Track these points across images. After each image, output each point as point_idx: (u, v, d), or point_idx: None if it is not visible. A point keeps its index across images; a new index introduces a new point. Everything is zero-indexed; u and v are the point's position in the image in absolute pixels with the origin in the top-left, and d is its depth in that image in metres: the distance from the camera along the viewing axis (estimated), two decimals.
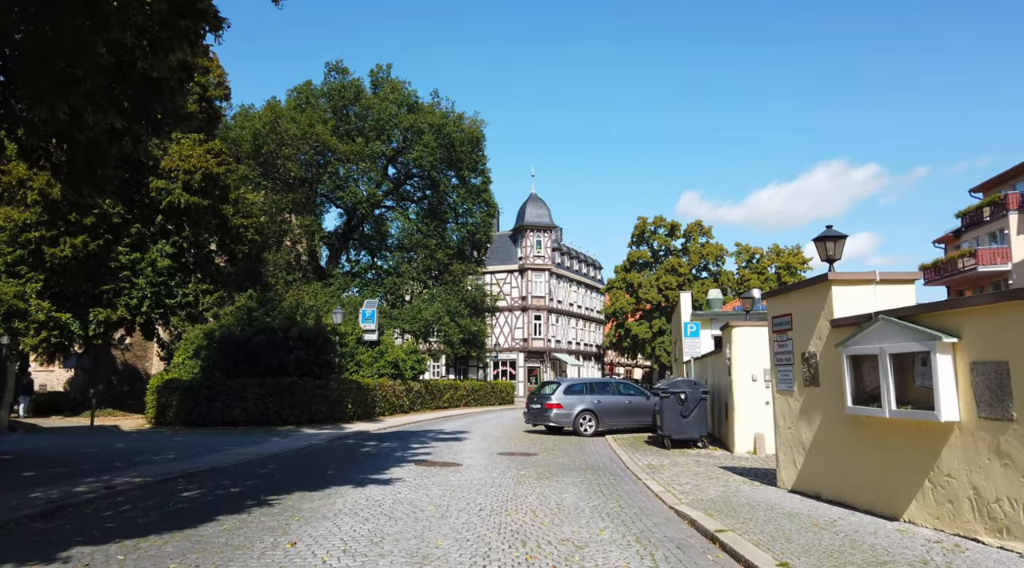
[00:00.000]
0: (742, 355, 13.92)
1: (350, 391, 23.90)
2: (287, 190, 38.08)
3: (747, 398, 13.87)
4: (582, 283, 65.84)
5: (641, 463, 12.51)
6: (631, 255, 62.90)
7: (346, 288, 39.98)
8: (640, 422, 19.49)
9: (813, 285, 8.16)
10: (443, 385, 35.13)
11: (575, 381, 20.04)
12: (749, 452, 13.79)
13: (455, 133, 38.93)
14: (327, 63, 41.05)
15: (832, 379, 7.79)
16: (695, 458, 13.24)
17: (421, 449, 15.15)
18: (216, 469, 11.81)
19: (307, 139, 36.62)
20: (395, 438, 18.33)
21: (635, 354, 64.15)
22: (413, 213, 42.69)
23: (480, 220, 41.55)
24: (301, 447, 15.86)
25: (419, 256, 41.16)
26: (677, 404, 14.86)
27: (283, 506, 8.24)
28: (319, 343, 23.08)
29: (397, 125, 39.28)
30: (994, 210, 40.13)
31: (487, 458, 13.32)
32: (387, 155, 40.53)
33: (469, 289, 41.50)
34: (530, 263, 56.50)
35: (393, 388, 28.13)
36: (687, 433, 14.91)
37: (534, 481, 10.23)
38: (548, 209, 58.43)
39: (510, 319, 56.19)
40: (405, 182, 43.38)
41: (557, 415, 18.84)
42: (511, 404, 42.50)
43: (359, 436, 19.06)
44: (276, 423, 21.24)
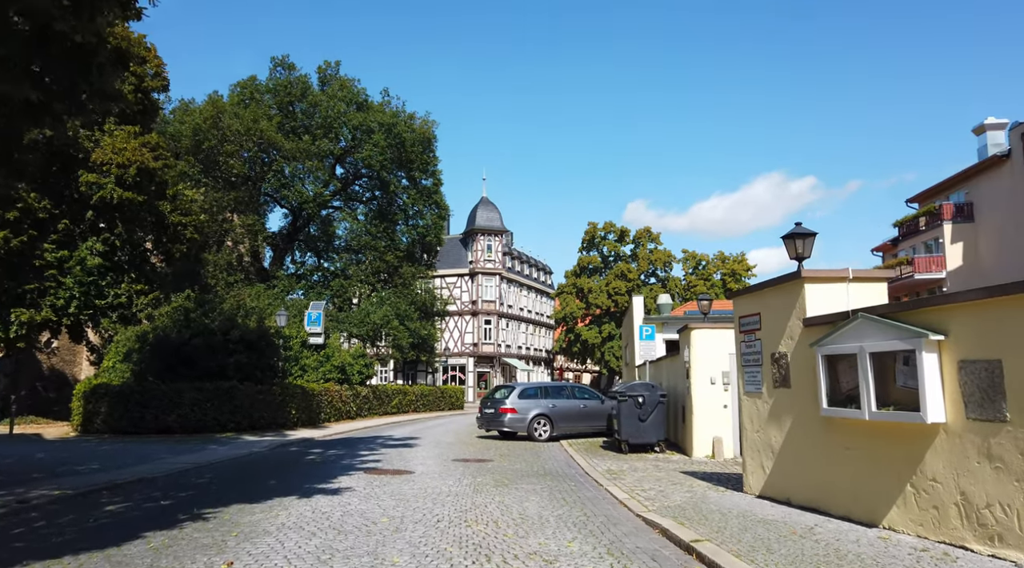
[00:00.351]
0: (701, 358, 13.70)
1: (294, 396, 22.94)
2: (229, 188, 36.64)
3: (705, 401, 13.65)
4: (532, 288, 65.65)
5: (600, 468, 12.13)
6: (581, 260, 63.05)
7: (291, 290, 38.70)
8: (595, 427, 19.17)
9: (784, 283, 7.90)
10: (392, 390, 34.28)
11: (530, 385, 19.61)
12: (707, 456, 13.56)
13: (406, 133, 38.15)
14: (273, 58, 39.73)
15: (805, 380, 7.52)
16: (654, 463, 12.93)
17: (370, 456, 14.45)
18: (146, 480, 10.92)
19: (251, 135, 35.30)
20: (342, 445, 17.55)
21: (585, 359, 64.28)
22: (362, 214, 41.65)
23: (431, 222, 40.82)
24: (241, 455, 14.97)
25: (368, 258, 40.17)
26: (635, 408, 14.55)
27: (219, 520, 7.52)
28: (261, 346, 22.07)
29: (346, 123, 38.29)
30: (929, 220, 41.48)
31: (441, 465, 12.73)
32: (335, 154, 39.45)
33: (419, 292, 40.71)
34: (481, 267, 55.98)
35: (340, 393, 27.21)
36: (645, 437, 14.62)
37: (493, 489, 9.70)
38: (499, 213, 58.05)
39: (460, 323, 55.52)
40: (354, 182, 42.35)
41: (511, 420, 18.36)
42: (461, 409, 41.85)
43: (304, 443, 18.20)
44: (214, 430, 20.16)
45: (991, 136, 39.19)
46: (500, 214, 58.00)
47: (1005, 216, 35.81)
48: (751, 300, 8.76)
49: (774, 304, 8.15)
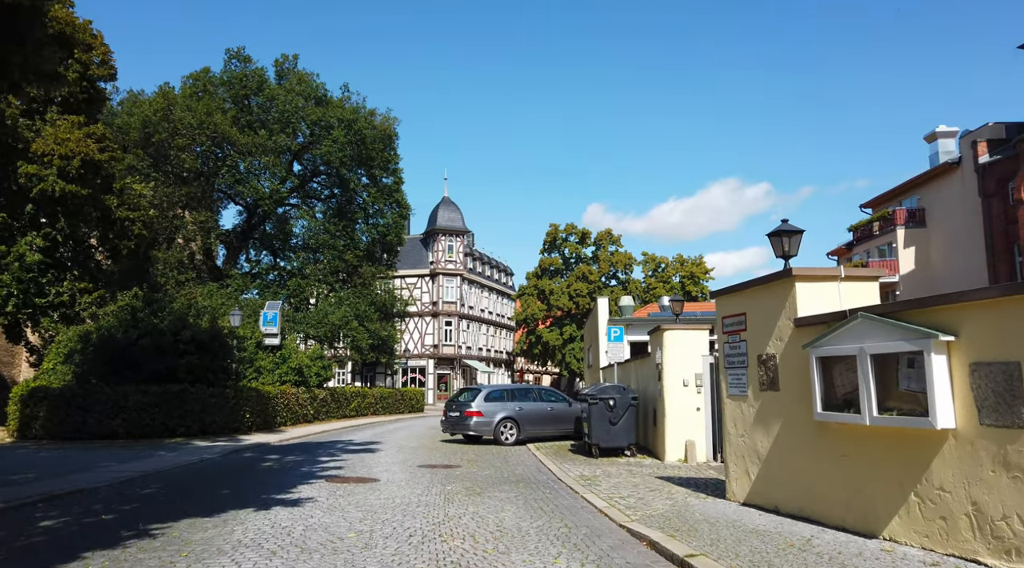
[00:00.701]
0: (673, 359, 13.41)
1: (249, 399, 22.01)
2: (180, 183, 35.27)
3: (678, 404, 13.36)
4: (493, 289, 65.19)
5: (573, 474, 11.72)
6: (543, 262, 62.84)
7: (245, 290, 37.44)
8: (562, 430, 18.78)
9: (773, 282, 7.58)
10: (350, 393, 33.38)
11: (496, 388, 19.13)
12: (680, 460, 13.27)
13: (366, 129, 37.27)
14: (227, 50, 38.24)
15: (795, 383, 7.21)
16: (627, 467, 12.58)
17: (331, 463, 13.78)
18: (87, 491, 10.10)
19: (204, 129, 34.01)
20: (300, 450, 16.79)
21: (546, 361, 64.06)
22: (320, 212, 40.58)
23: (392, 221, 39.99)
24: (191, 462, 14.14)
25: (326, 257, 39.15)
26: (606, 411, 14.19)
27: (168, 537, 6.85)
28: (214, 347, 21.10)
29: (304, 118, 37.20)
30: (883, 225, 42.30)
31: (407, 472, 12.15)
32: (292, 150, 38.33)
33: (379, 293, 39.84)
34: (442, 268, 55.29)
35: (297, 396, 26.29)
36: (615, 441, 14.27)
37: (465, 498, 9.19)
38: (461, 213, 57.45)
39: (420, 325, 54.72)
40: (312, 179, 41.25)
41: (477, 423, 17.84)
42: (421, 412, 41.11)
43: (259, 449, 17.37)
44: (163, 435, 19.16)
45: (942, 144, 40.15)
46: (462, 214, 57.43)
47: (955, 222, 36.70)
48: (736, 299, 8.44)
49: (761, 303, 7.84)
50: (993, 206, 33.87)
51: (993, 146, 34.48)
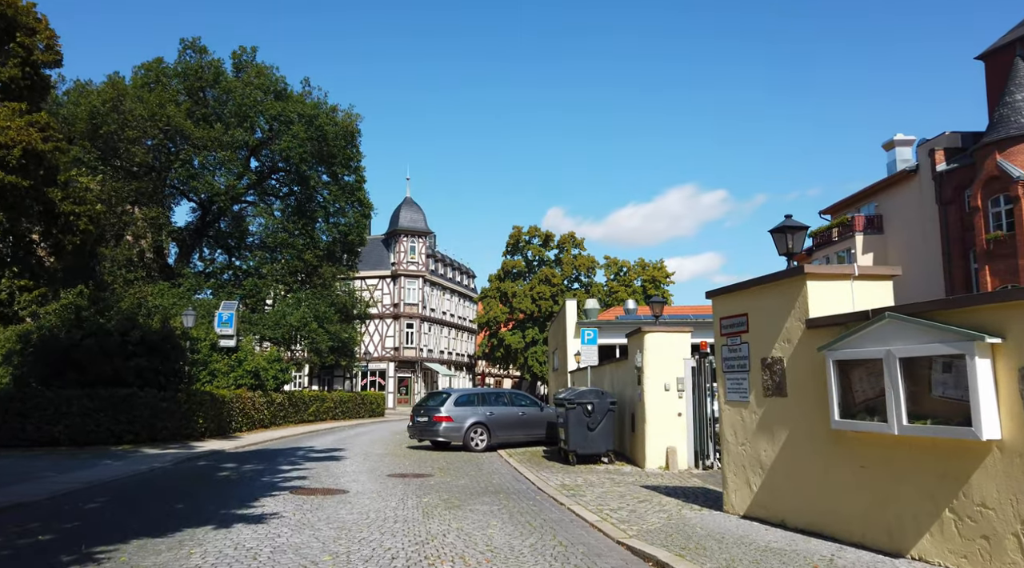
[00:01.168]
0: (654, 363, 12.97)
1: (202, 404, 20.90)
2: (130, 178, 33.64)
3: (659, 409, 12.91)
4: (456, 291, 64.37)
5: (553, 483, 11.15)
6: (505, 264, 62.29)
7: (198, 290, 35.96)
8: (533, 435, 18.23)
9: (780, 280, 7.14)
10: (308, 397, 32.30)
11: (465, 392, 18.46)
12: (661, 467, 12.82)
13: (328, 126, 36.16)
14: (182, 40, 36.73)
15: (806, 388, 6.77)
16: (608, 476, 12.06)
17: (294, 472, 12.94)
18: (23, 505, 9.14)
19: (155, 121, 32.49)
20: (259, 458, 15.86)
21: (508, 364, 63.49)
22: (278, 210, 39.22)
23: (353, 221, 38.90)
24: (141, 472, 13.15)
25: (284, 257, 37.90)
26: (583, 416, 13.67)
27: (115, 564, 6.05)
28: (165, 349, 19.95)
29: (262, 112, 35.89)
30: (842, 231, 42.91)
31: (377, 482, 11.42)
32: (250, 145, 36.96)
33: (339, 293, 38.72)
34: (403, 269, 54.27)
35: (253, 400, 25.19)
36: (593, 447, 13.76)
37: (445, 512, 8.52)
38: (423, 214, 56.51)
39: (381, 327, 53.59)
40: (270, 176, 39.89)
41: (447, 429, 17.15)
42: (382, 417, 40.13)
43: (214, 456, 16.38)
44: (109, 442, 17.98)
45: (900, 152, 40.91)
46: (424, 215, 56.51)
47: (913, 228, 37.37)
48: (736, 299, 7.98)
49: (766, 304, 7.39)
50: (950, 213, 34.55)
51: (950, 155, 35.18)
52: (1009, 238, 29.65)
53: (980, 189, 31.11)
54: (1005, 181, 29.82)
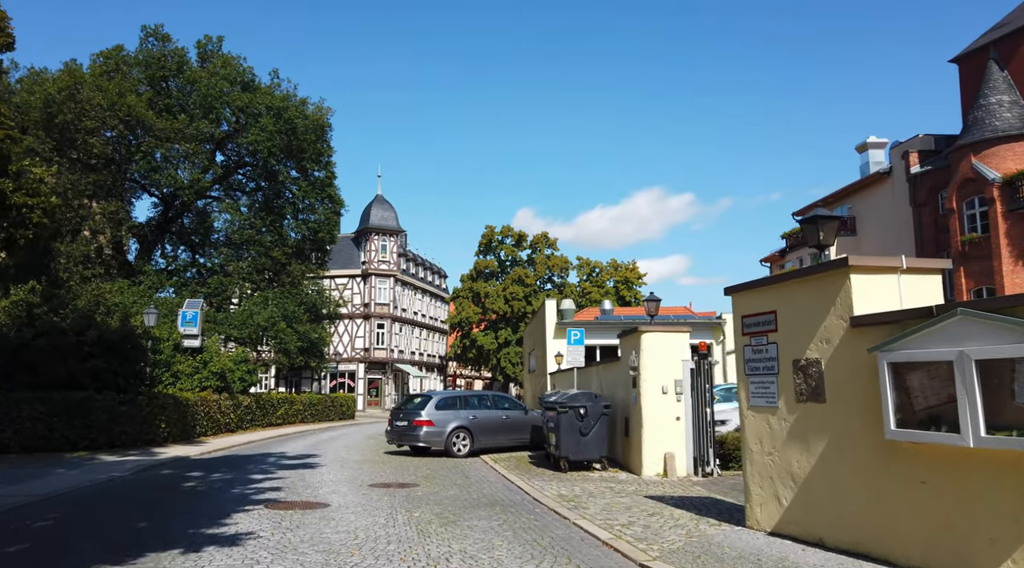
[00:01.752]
0: (652, 364, 12.33)
1: (164, 407, 19.73)
2: (88, 170, 32.04)
3: (656, 413, 12.27)
4: (427, 291, 63.32)
5: (549, 493, 10.42)
6: (478, 264, 61.50)
7: (160, 288, 34.48)
8: (517, 440, 17.48)
9: (817, 274, 6.51)
10: (277, 399, 31.12)
11: (447, 394, 17.64)
12: (658, 474, 12.17)
13: (297, 119, 34.92)
14: (144, 27, 35.01)
15: (849, 393, 6.15)
16: (605, 484, 11.38)
17: (267, 482, 12.00)
18: None
19: (115, 111, 30.97)
20: (227, 465, 14.85)
21: (480, 365, 62.68)
22: (245, 206, 37.84)
23: (324, 217, 37.73)
24: (98, 483, 12.11)
25: (250, 254, 36.59)
26: (576, 420, 12.98)
27: None
28: (125, 349, 18.75)
29: (228, 104, 34.52)
30: None
31: (359, 493, 10.56)
32: (216, 138, 35.50)
33: (309, 292, 37.51)
34: (375, 268, 53.08)
35: (219, 403, 24.02)
36: (586, 454, 13.07)
37: (441, 529, 7.74)
38: (395, 212, 55.38)
39: (351, 327, 52.34)
40: (236, 171, 38.50)
41: (428, 434, 16.30)
42: (352, 419, 39.01)
43: (178, 464, 15.32)
44: (63, 449, 16.77)
45: (873, 154, 41.14)
46: (396, 213, 55.38)
47: (886, 230, 37.52)
48: (762, 295, 7.35)
49: (800, 300, 6.76)
50: (924, 215, 34.72)
51: (924, 157, 35.38)
52: (984, 240, 29.78)
53: (955, 191, 31.24)
54: (980, 183, 29.97)
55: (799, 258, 44.40)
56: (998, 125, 30.07)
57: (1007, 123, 29.91)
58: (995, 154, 29.93)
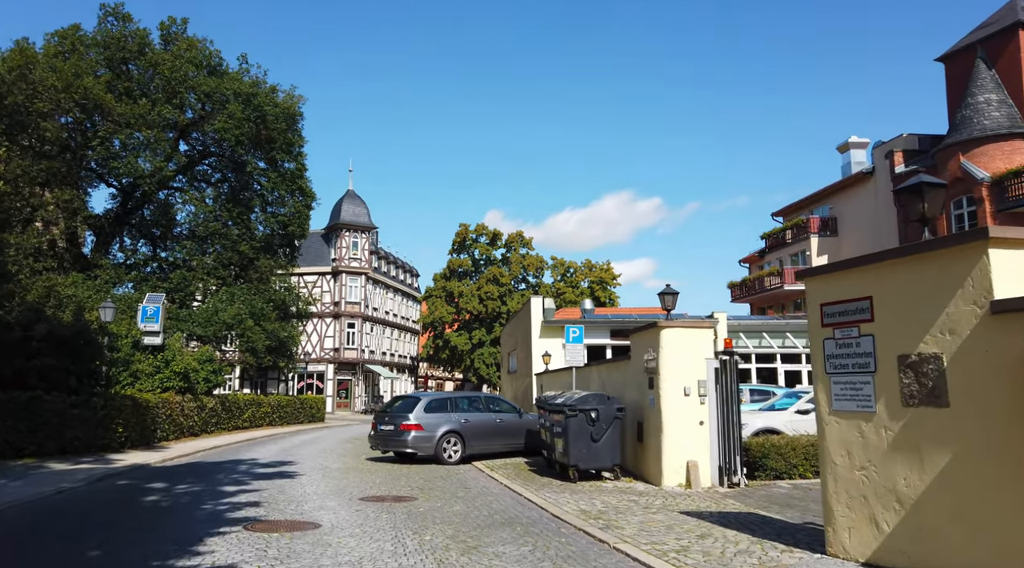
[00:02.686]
0: (673, 363, 11.18)
1: (122, 410, 18.02)
2: (41, 157, 29.89)
3: (678, 417, 11.12)
4: (399, 290, 61.62)
5: (569, 509, 9.19)
6: (451, 263, 60.02)
7: (118, 283, 32.43)
8: (511, 445, 16.22)
9: (938, 250, 5.39)
10: (243, 401, 29.37)
11: (436, 396, 16.27)
12: (680, 485, 11.02)
13: (267, 106, 33.11)
14: (103, 6, 32.94)
15: (984, 396, 5.02)
16: (626, 497, 10.18)
17: (242, 495, 10.54)
18: None
19: (71, 93, 28.88)
20: (194, 474, 13.31)
21: (453, 366, 61.18)
22: (210, 197, 35.84)
23: (294, 210, 35.90)
24: (45, 496, 10.56)
25: (216, 248, 34.68)
26: (586, 425, 11.77)
27: None
28: (78, 345, 17.03)
29: (194, 89, 32.52)
30: (796, 233, 42.65)
31: (352, 510, 9.18)
32: (179, 125, 33.44)
33: (278, 289, 35.72)
34: (345, 266, 51.26)
35: (182, 405, 22.30)
36: (598, 461, 11.87)
37: (462, 558, 6.43)
38: (367, 208, 53.63)
39: (320, 327, 50.45)
40: (201, 161, 36.49)
41: (416, 439, 14.94)
42: (322, 422, 37.30)
43: (138, 473, 13.73)
44: (8, 456, 15.03)
45: (854, 154, 40.88)
46: (368, 209, 53.64)
47: (868, 231, 37.18)
48: (853, 279, 6.19)
49: (906, 281, 5.64)
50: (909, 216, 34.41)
51: (908, 157, 35.08)
52: None
53: None
54: (969, 183, 29.64)
55: (779, 259, 43.99)
56: (987, 124, 29.78)
57: (996, 122, 29.64)
58: (984, 153, 29.63)
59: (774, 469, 11.36)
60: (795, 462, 11.37)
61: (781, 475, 11.39)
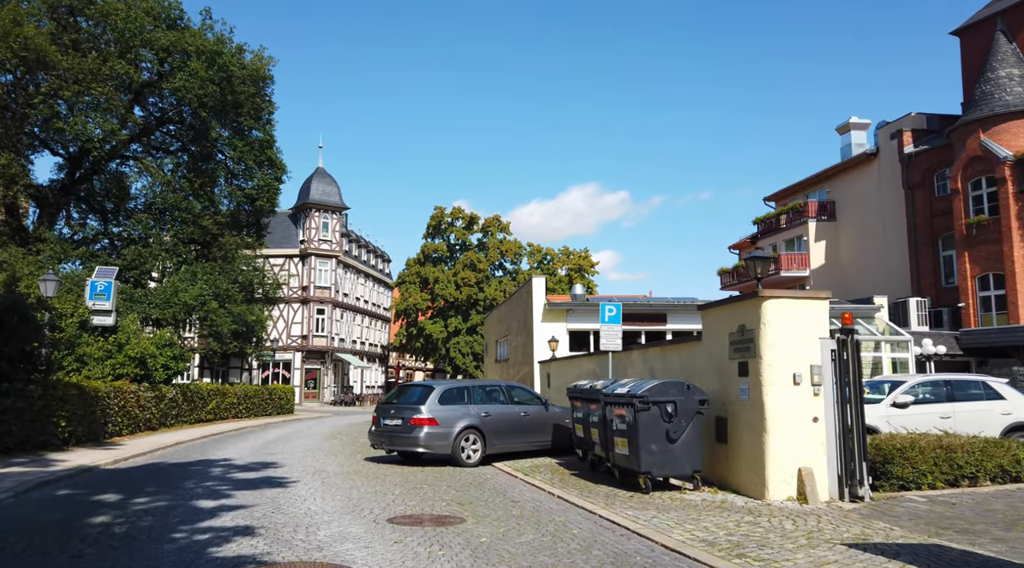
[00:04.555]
0: (779, 343, 8.84)
1: (66, 400, 15.06)
2: None
3: (786, 412, 8.80)
4: (370, 275, 58.51)
5: (681, 536, 6.81)
6: (426, 247, 57.21)
7: (64, 258, 29.02)
8: (537, 442, 13.79)
9: None
10: (207, 391, 26.34)
11: (452, 385, 13.68)
12: (791, 498, 8.70)
13: (234, 67, 29.87)
14: None
15: None
16: (738, 517, 7.82)
17: (225, 514, 7.86)
18: None
19: (8, 43, 25.34)
20: (156, 481, 10.55)
21: (427, 355, 58.44)
22: (170, 165, 32.32)
23: (263, 183, 32.66)
24: None
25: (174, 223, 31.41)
26: (661, 421, 9.38)
27: None
28: (11, 323, 13.99)
29: (151, 44, 29.09)
30: (791, 217, 41.05)
31: (388, 541, 6.62)
32: (135, 85, 29.87)
33: (245, 268, 32.59)
34: (315, 248, 48.04)
35: (137, 395, 19.33)
36: (675, 467, 9.49)
37: None
38: (338, 187, 50.39)
39: (287, 312, 47.20)
40: (160, 126, 32.99)
41: (430, 436, 12.37)
42: (291, 414, 34.33)
43: (83, 479, 10.93)
44: None
45: (855, 135, 39.31)
46: (339, 188, 50.42)
47: (871, 214, 35.63)
48: None
49: None
50: (917, 198, 32.85)
51: (917, 136, 33.52)
52: (993, 223, 27.88)
53: (960, 171, 29.30)
54: (990, 162, 28.06)
55: (772, 244, 42.27)
56: (1009, 100, 28.23)
57: (1019, 98, 28.10)
58: (1005, 130, 28.09)
59: (898, 478, 9.13)
60: (924, 469, 9.15)
61: (907, 485, 9.16)
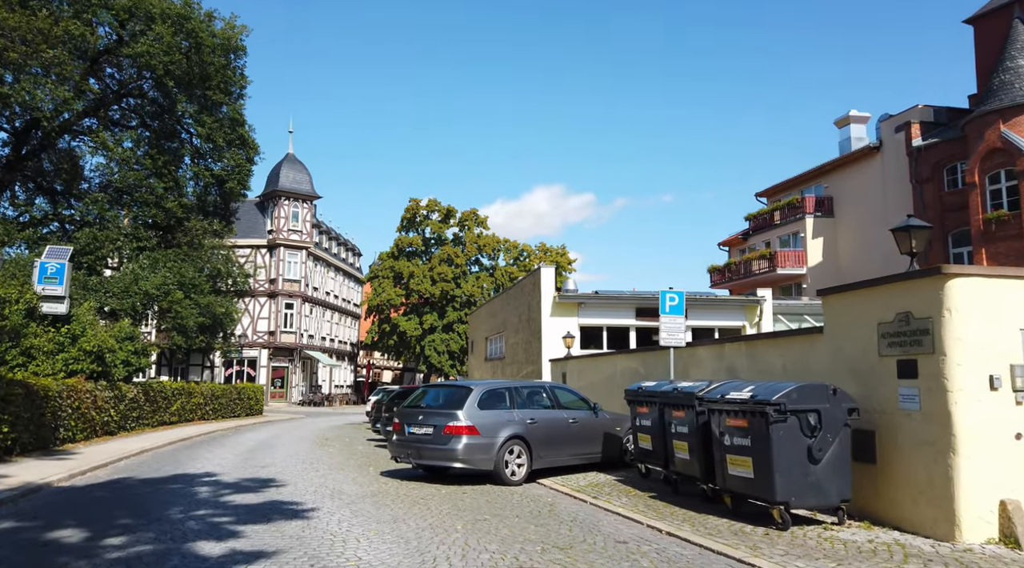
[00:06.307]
0: (969, 336, 6.83)
1: (9, 400, 12.33)
2: None
3: (980, 426, 6.78)
4: (340, 269, 55.54)
5: None
6: (400, 241, 54.52)
7: (8, 242, 25.86)
8: (586, 455, 11.61)
9: None
10: (171, 390, 23.47)
11: (492, 385, 11.32)
12: (992, 541, 6.68)
13: (203, 33, 27.00)
14: None
15: None
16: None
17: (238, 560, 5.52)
18: None
19: None
20: (127, 506, 8.04)
21: (400, 353, 55.74)
22: (128, 142, 29.13)
23: (234, 163, 29.77)
24: None
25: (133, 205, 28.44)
26: (801, 435, 7.30)
27: None
28: None
29: (109, 3, 26.01)
30: (786, 213, 39.65)
31: None
32: (93, 50, 26.73)
33: (212, 257, 29.69)
34: (284, 238, 44.99)
35: (94, 395, 16.58)
36: (819, 496, 7.39)
37: None
38: (309, 174, 47.40)
39: (253, 307, 44.06)
40: (119, 100, 29.80)
41: (469, 449, 10.06)
42: (261, 416, 31.52)
43: (30, 504, 8.36)
44: None
45: (854, 129, 38.10)
46: (310, 176, 47.42)
47: (872, 211, 34.31)
48: None
49: None
50: (926, 192, 31.61)
51: (925, 129, 32.34)
52: (1014, 218, 26.69)
53: (978, 163, 28.09)
54: (1011, 154, 26.84)
55: (765, 241, 40.90)
56: None
57: None
58: None
59: None
60: None
61: None
